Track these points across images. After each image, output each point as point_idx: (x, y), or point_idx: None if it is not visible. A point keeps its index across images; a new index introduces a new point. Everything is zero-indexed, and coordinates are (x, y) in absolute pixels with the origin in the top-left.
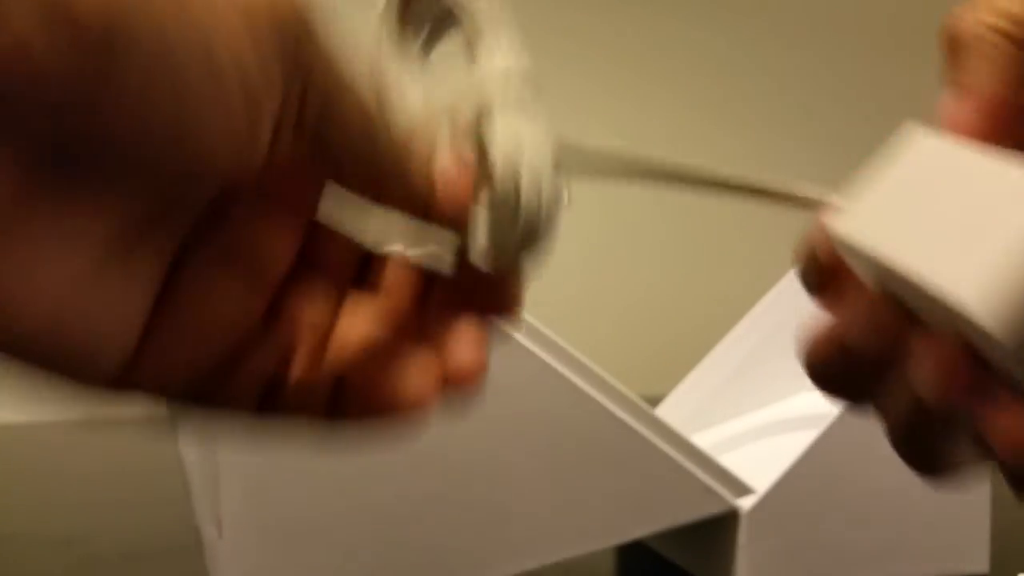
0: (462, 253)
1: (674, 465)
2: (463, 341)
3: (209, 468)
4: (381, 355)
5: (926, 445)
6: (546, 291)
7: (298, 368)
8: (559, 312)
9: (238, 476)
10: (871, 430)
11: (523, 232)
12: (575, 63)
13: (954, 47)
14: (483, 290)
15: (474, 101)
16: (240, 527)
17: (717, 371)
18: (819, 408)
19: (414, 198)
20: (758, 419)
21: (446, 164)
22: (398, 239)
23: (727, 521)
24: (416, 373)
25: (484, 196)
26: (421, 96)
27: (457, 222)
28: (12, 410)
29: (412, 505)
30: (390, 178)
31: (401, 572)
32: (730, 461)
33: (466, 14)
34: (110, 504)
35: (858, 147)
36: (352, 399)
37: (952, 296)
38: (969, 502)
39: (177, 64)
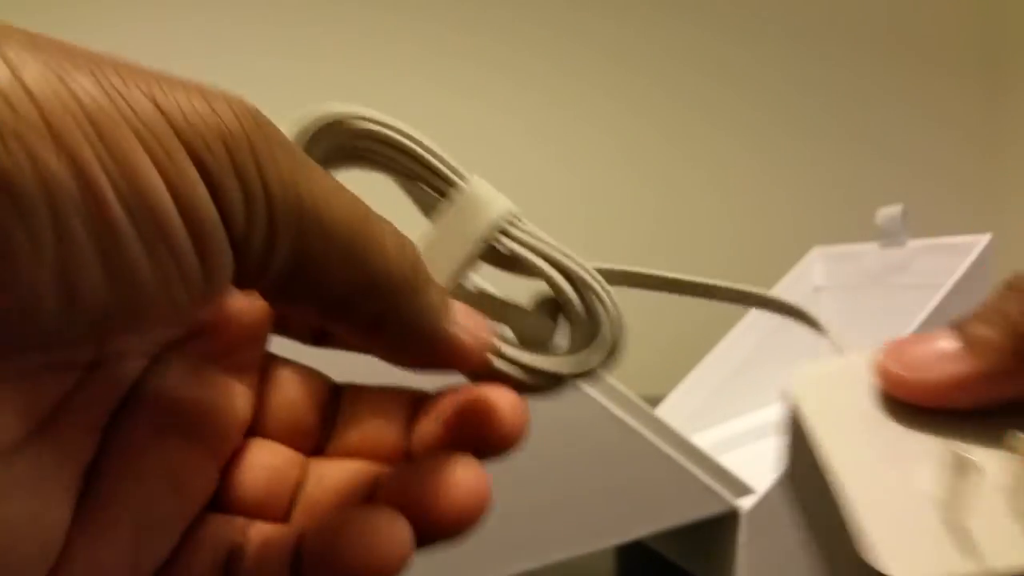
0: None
1: (674, 465)
2: (460, 480)
3: None
4: (348, 518)
5: None
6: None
7: (257, 542)
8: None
9: None
10: None
11: (613, 339)
12: (574, 65)
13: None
14: (485, 429)
15: (488, 226)
16: None
17: (717, 371)
18: None
19: (423, 326)
20: (758, 419)
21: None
22: None
23: (727, 521)
24: (387, 535)
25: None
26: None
27: (476, 359)
28: None
29: None
30: (392, 303)
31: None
32: (730, 461)
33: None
34: None
35: (857, 150)
36: (315, 570)
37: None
38: None
39: (100, 216)
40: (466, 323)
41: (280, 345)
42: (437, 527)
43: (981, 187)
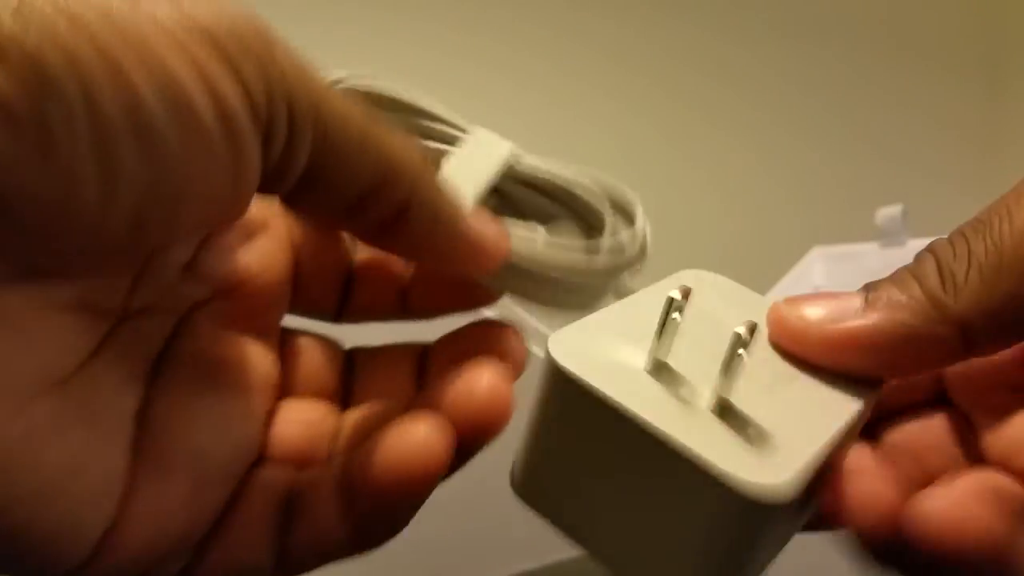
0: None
1: None
2: (482, 376)
3: None
4: (382, 432)
5: None
6: None
7: (306, 483)
8: (559, 312)
9: None
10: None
11: (643, 236)
12: (574, 65)
13: None
14: (494, 341)
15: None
16: None
17: None
18: None
19: (445, 217)
20: None
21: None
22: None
23: None
24: (421, 434)
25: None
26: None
27: (497, 255)
28: None
29: None
30: (413, 189)
31: (401, 572)
32: None
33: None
34: None
35: (857, 150)
36: (364, 492)
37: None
38: None
39: (126, 90)
40: (484, 222)
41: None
42: (468, 422)
43: (981, 187)
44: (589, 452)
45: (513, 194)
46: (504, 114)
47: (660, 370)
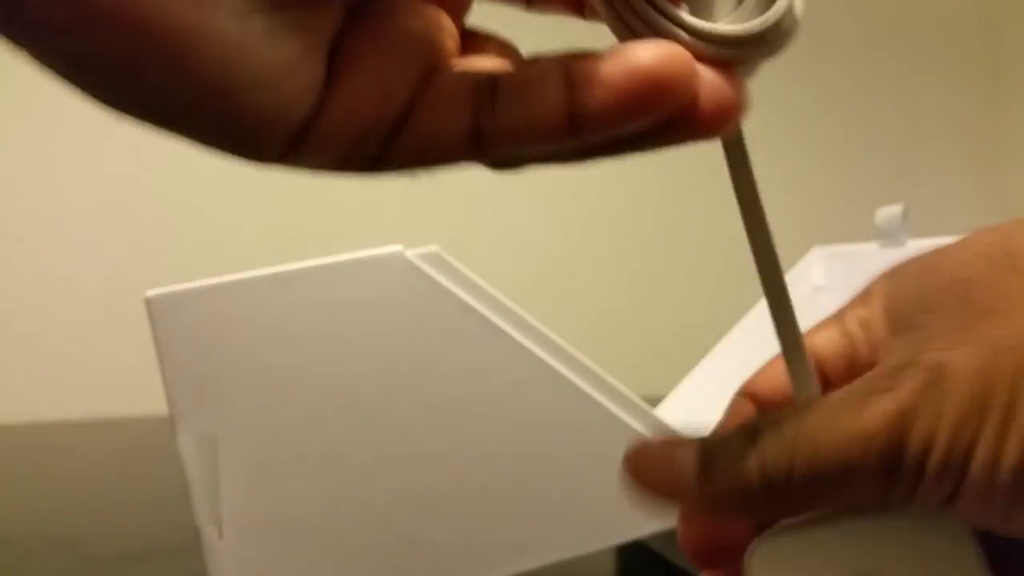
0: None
1: None
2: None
3: (209, 468)
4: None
5: None
6: (546, 290)
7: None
8: (559, 312)
9: (238, 476)
10: None
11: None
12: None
13: None
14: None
15: None
16: (240, 527)
17: (717, 371)
18: None
19: None
20: None
21: None
22: None
23: None
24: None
25: None
26: None
27: None
28: (12, 410)
29: (412, 505)
30: None
31: (401, 572)
32: None
33: None
34: (110, 504)
35: (857, 150)
36: (602, 82)
37: None
38: None
39: None
40: None
41: None
42: None
43: (981, 187)
44: None
45: None
46: None
47: None
